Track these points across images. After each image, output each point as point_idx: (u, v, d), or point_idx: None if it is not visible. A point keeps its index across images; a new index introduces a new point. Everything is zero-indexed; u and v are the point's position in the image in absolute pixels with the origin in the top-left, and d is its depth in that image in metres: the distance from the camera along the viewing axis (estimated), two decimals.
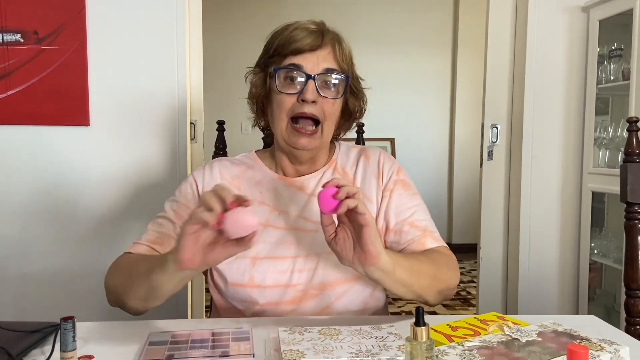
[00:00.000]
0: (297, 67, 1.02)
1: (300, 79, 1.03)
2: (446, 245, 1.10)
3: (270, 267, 1.05)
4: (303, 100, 1.02)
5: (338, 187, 0.84)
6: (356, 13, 4.86)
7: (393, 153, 4.98)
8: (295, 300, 1.05)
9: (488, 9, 2.41)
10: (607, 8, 2.19)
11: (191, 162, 2.14)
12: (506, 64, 2.41)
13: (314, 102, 1.02)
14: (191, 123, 2.14)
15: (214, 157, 1.54)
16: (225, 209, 0.76)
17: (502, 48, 2.41)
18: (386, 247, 1.10)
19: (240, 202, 0.77)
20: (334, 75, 1.04)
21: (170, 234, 1.05)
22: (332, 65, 1.04)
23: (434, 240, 1.08)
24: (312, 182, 1.12)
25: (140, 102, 2.00)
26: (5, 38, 1.91)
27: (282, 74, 1.04)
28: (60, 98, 1.94)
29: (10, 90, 1.92)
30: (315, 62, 1.02)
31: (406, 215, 1.10)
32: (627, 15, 2.09)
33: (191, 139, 2.15)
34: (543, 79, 2.31)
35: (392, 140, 5.01)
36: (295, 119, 1.04)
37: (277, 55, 1.05)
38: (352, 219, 0.86)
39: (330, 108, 1.05)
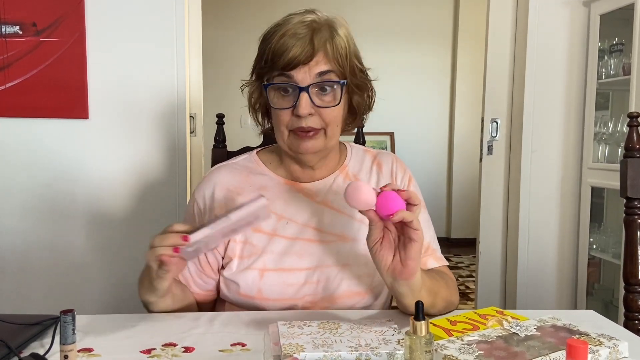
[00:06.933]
0: (288, 78, 0.95)
1: (293, 92, 0.96)
2: (447, 264, 1.10)
3: (278, 280, 1.01)
4: (299, 115, 0.96)
5: (397, 191, 0.84)
6: (356, 6, 4.84)
7: (392, 147, 4.98)
8: (303, 312, 1.03)
9: (489, 3, 2.40)
10: (608, 2, 2.18)
11: (190, 156, 2.14)
12: (506, 59, 2.40)
13: (310, 114, 0.96)
14: (190, 116, 2.14)
15: (213, 151, 1.53)
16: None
17: (502, 42, 2.40)
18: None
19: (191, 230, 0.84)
20: (327, 81, 0.96)
21: None
22: (325, 67, 0.96)
23: (435, 260, 1.08)
24: (322, 188, 1.07)
25: (139, 95, 1.99)
26: (3, 30, 1.90)
27: (273, 89, 0.98)
28: (59, 90, 1.94)
29: (8, 83, 1.92)
30: (306, 71, 0.95)
31: None
32: (628, 9, 2.08)
33: (190, 133, 2.14)
34: (543, 74, 2.30)
35: (391, 135, 5.01)
36: None
37: (268, 67, 0.97)
38: (403, 230, 0.85)
39: (329, 115, 0.98)
